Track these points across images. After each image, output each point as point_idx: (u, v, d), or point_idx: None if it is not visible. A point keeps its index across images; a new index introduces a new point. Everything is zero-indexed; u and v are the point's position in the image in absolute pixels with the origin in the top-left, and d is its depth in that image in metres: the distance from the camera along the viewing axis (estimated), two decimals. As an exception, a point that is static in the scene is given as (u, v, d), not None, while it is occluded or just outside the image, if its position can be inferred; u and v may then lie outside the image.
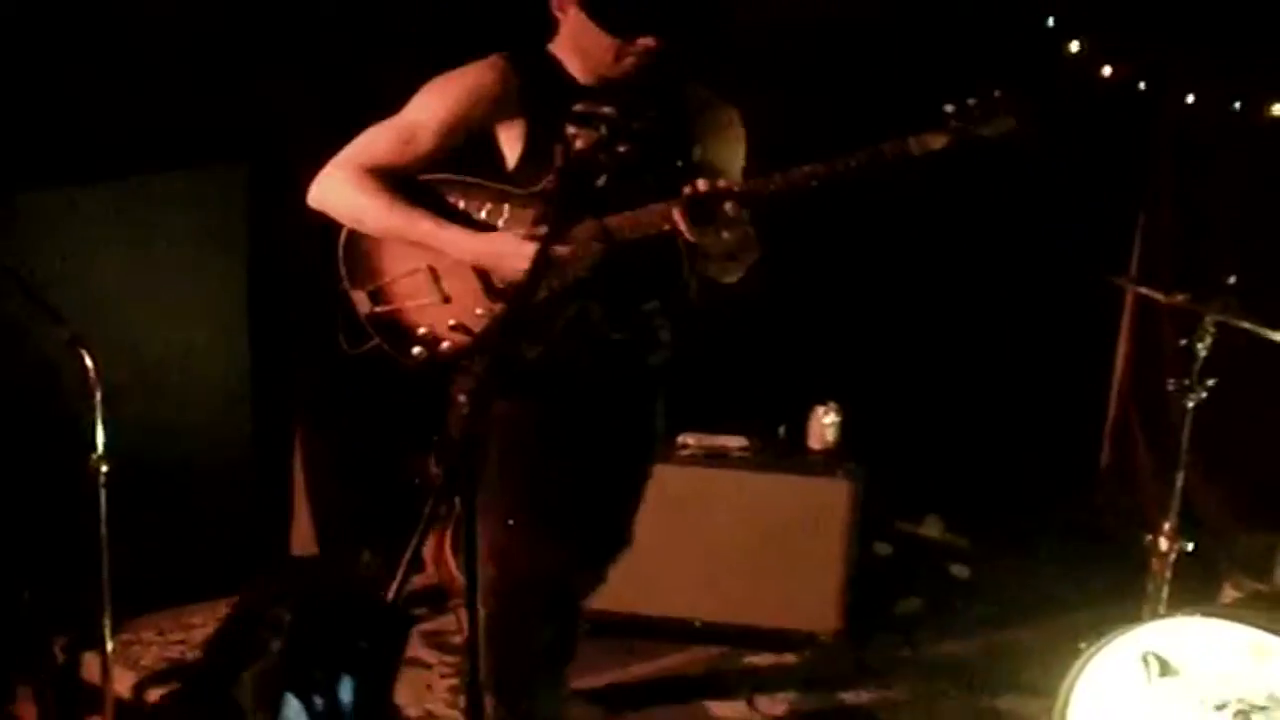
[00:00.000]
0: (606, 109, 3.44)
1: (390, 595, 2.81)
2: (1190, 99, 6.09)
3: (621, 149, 3.44)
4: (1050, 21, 6.05)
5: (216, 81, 5.29)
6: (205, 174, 5.53)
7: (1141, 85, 6.12)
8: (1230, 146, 6.12)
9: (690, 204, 3.54)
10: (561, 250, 3.59)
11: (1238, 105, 5.95)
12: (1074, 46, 6.07)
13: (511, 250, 3.65)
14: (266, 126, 5.42)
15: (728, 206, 3.54)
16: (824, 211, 4.18)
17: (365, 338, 3.87)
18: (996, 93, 3.53)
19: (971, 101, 3.52)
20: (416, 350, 3.81)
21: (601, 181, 3.48)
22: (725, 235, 3.59)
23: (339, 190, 3.78)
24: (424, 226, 3.73)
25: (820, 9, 6.10)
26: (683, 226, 3.56)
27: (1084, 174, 6.26)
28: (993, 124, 3.52)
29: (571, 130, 3.47)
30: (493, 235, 3.72)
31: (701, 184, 3.54)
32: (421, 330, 3.81)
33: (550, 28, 3.81)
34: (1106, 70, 6.09)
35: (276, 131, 5.38)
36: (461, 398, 3.00)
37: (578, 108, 3.48)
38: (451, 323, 3.78)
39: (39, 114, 4.97)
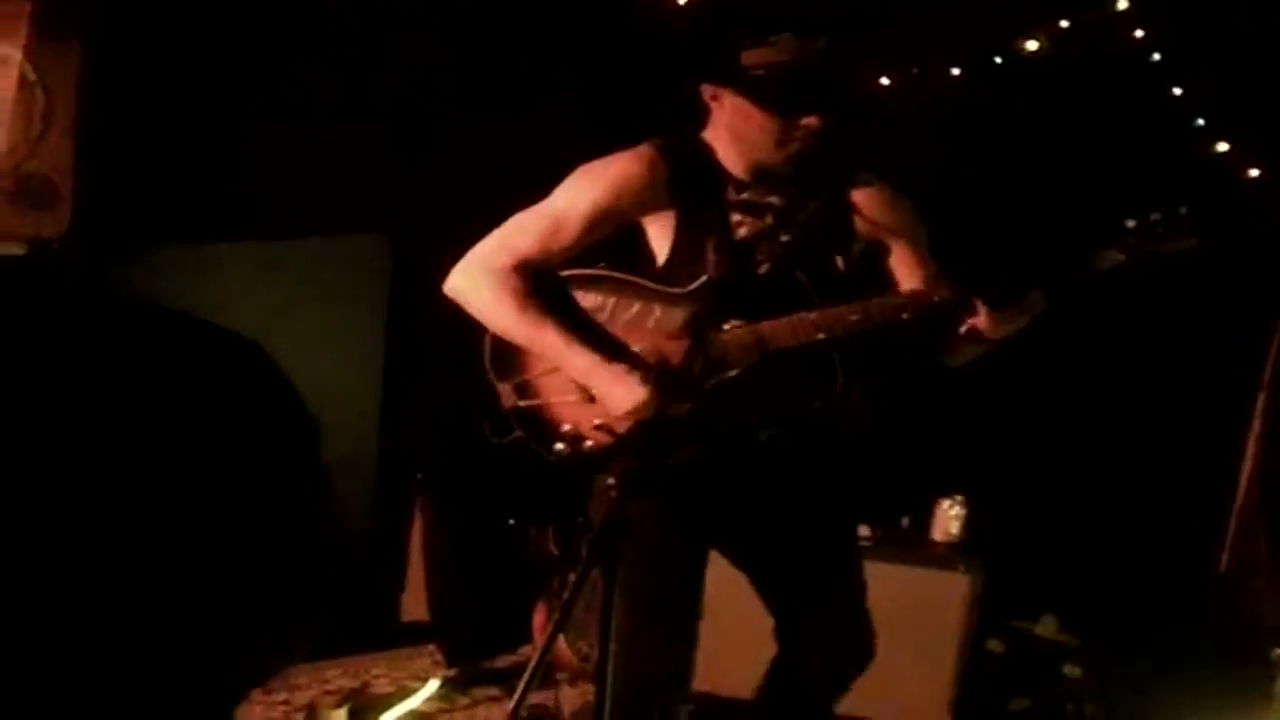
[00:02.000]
0: (773, 198, 3.39)
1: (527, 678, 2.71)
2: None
3: (784, 239, 3.39)
4: (1199, 122, 5.97)
5: (367, 150, 5.31)
6: (348, 243, 5.55)
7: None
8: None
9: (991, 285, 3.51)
10: (713, 352, 3.51)
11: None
12: (1221, 147, 5.99)
13: (622, 392, 3.53)
14: (414, 201, 5.43)
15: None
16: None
17: (509, 429, 3.78)
18: (1182, 210, 3.44)
19: (1155, 217, 3.43)
20: (559, 447, 3.70)
21: (764, 270, 3.42)
22: (1017, 314, 3.60)
23: (473, 284, 3.67)
24: (549, 340, 3.61)
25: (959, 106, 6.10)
26: (983, 322, 3.55)
27: (1225, 274, 6.16)
28: (1174, 242, 3.43)
29: (736, 218, 3.43)
30: (613, 371, 3.57)
31: (874, 313, 3.50)
32: (565, 428, 3.70)
33: (703, 115, 3.72)
34: (1253, 172, 6.00)
35: (423, 207, 5.39)
36: (609, 481, 2.94)
37: (744, 195, 3.43)
38: (596, 422, 3.66)
39: (183, 170, 5.00)
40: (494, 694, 5.52)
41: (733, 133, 3.64)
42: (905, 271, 3.74)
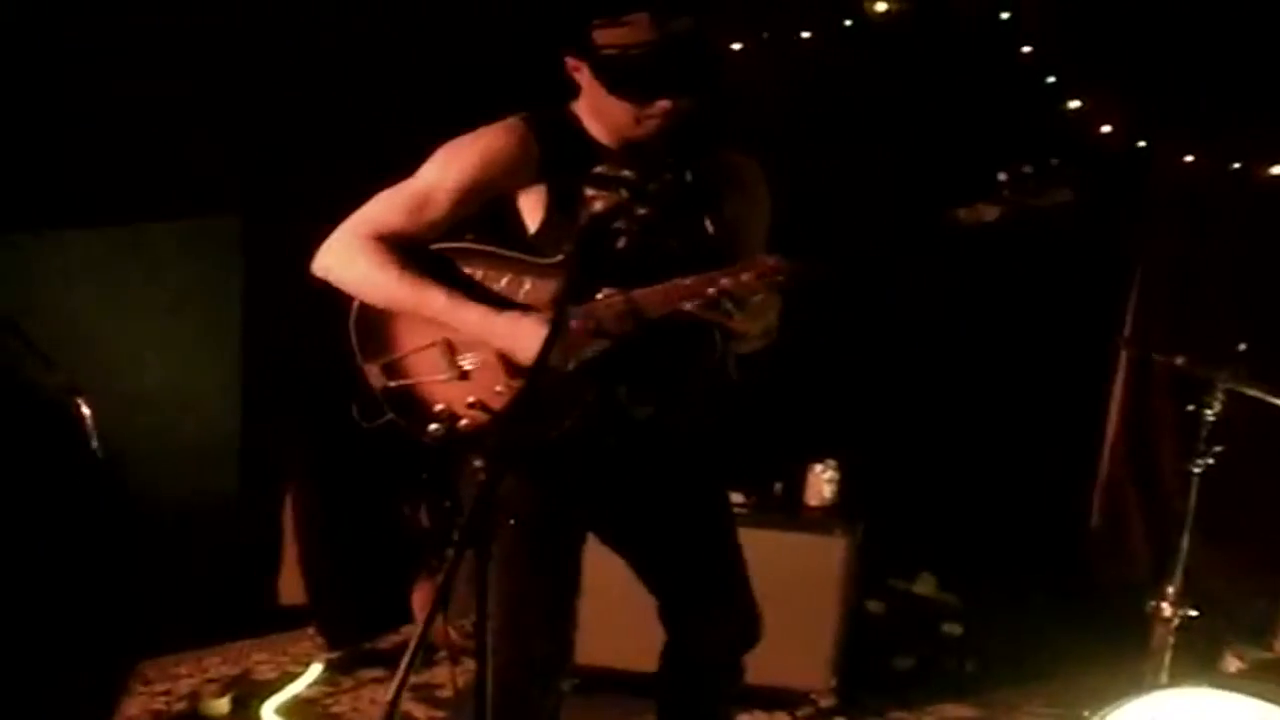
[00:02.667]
0: (626, 172, 3.37)
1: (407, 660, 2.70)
2: (1188, 159, 6.07)
3: (641, 212, 3.38)
4: (1050, 79, 6.03)
5: (214, 132, 5.26)
6: (200, 225, 5.50)
7: (1141, 143, 6.10)
8: (1228, 206, 6.11)
9: (715, 300, 3.43)
10: (582, 323, 3.47)
11: (1236, 165, 5.94)
12: (1073, 104, 6.06)
13: (528, 333, 3.45)
14: (264, 180, 5.38)
15: (764, 294, 3.47)
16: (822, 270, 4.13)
17: (380, 412, 3.71)
18: (1054, 161, 3.45)
19: (1028, 170, 3.42)
20: (434, 427, 3.63)
21: (621, 245, 3.41)
22: (754, 321, 3.54)
23: (346, 259, 3.61)
24: (436, 301, 3.56)
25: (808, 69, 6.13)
26: (711, 319, 3.48)
27: (1081, 233, 6.24)
28: (1049, 194, 3.44)
29: (590, 193, 3.41)
30: (510, 316, 3.54)
31: (727, 280, 3.42)
32: (438, 407, 3.64)
33: (571, 86, 3.67)
34: (1105, 128, 6.07)
35: (274, 185, 5.34)
36: (478, 462, 2.92)
37: (597, 170, 3.42)
38: (470, 400, 3.62)
39: (35, 157, 4.92)
40: (378, 675, 5.50)
41: (594, 106, 3.62)
42: (751, 241, 3.71)
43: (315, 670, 5.43)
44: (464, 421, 3.64)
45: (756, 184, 3.82)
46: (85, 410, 4.05)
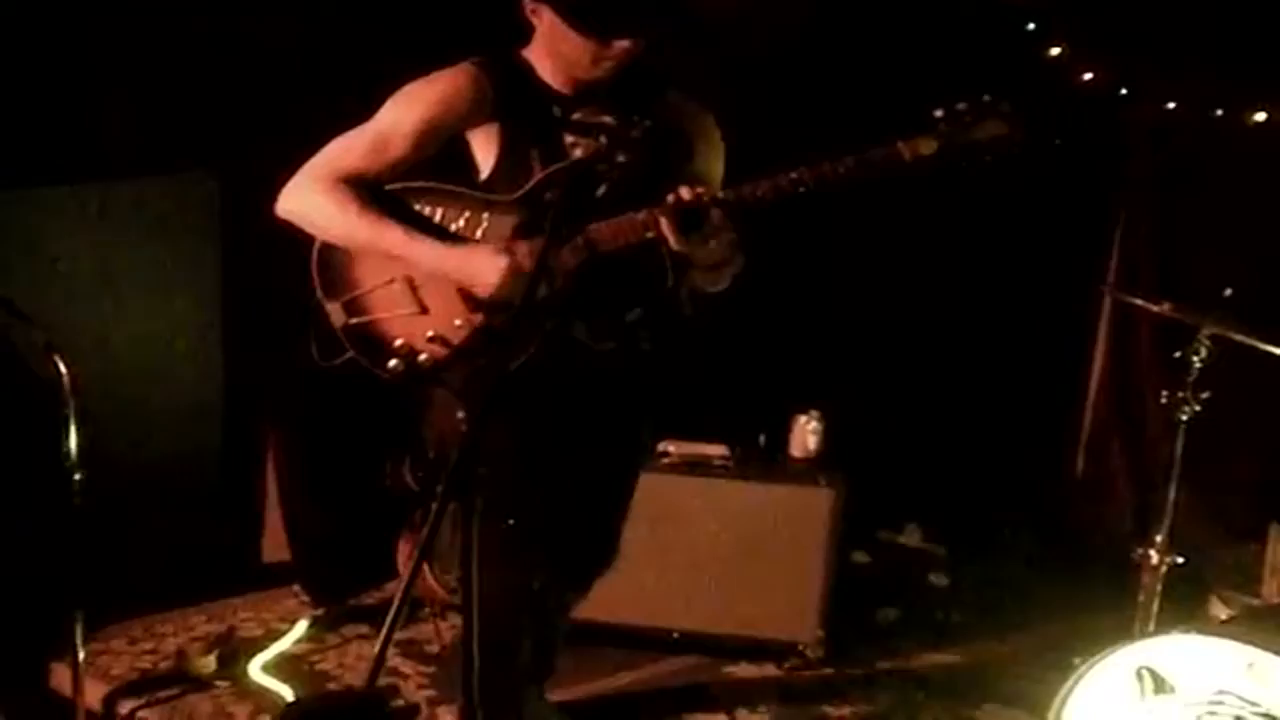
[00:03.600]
0: (607, 118, 3.40)
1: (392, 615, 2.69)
2: (1170, 105, 6.06)
3: (621, 158, 3.40)
4: (1030, 26, 6.01)
5: (188, 88, 5.23)
6: (177, 180, 5.47)
7: (1122, 91, 6.08)
8: (1210, 154, 6.10)
9: (676, 213, 3.49)
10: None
11: (1219, 112, 5.93)
12: (1054, 51, 6.04)
13: (485, 265, 3.60)
14: (238, 134, 5.35)
15: (714, 214, 3.50)
16: (804, 218, 4.12)
17: (340, 350, 3.79)
18: (986, 97, 3.50)
19: (961, 106, 3.50)
20: (393, 363, 3.72)
21: (602, 191, 3.43)
22: (712, 244, 3.55)
23: (307, 200, 3.70)
24: (393, 237, 3.66)
25: (797, 12, 6.09)
26: (669, 236, 3.51)
27: (1063, 181, 6.23)
28: (983, 128, 3.49)
29: (570, 139, 3.45)
30: (465, 248, 3.65)
31: (685, 192, 3.50)
32: (398, 342, 3.73)
33: (523, 32, 3.74)
34: (1086, 75, 6.06)
35: (249, 139, 5.31)
36: (460, 414, 2.93)
37: (576, 116, 3.44)
38: (429, 334, 3.70)
39: (11, 116, 4.89)
40: (363, 632, 5.49)
41: (550, 49, 3.70)
42: (709, 184, 3.74)
43: (301, 627, 5.41)
44: (423, 356, 3.71)
45: (712, 129, 3.90)
46: (63, 369, 4.02)
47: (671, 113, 3.79)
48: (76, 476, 4.04)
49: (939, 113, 3.49)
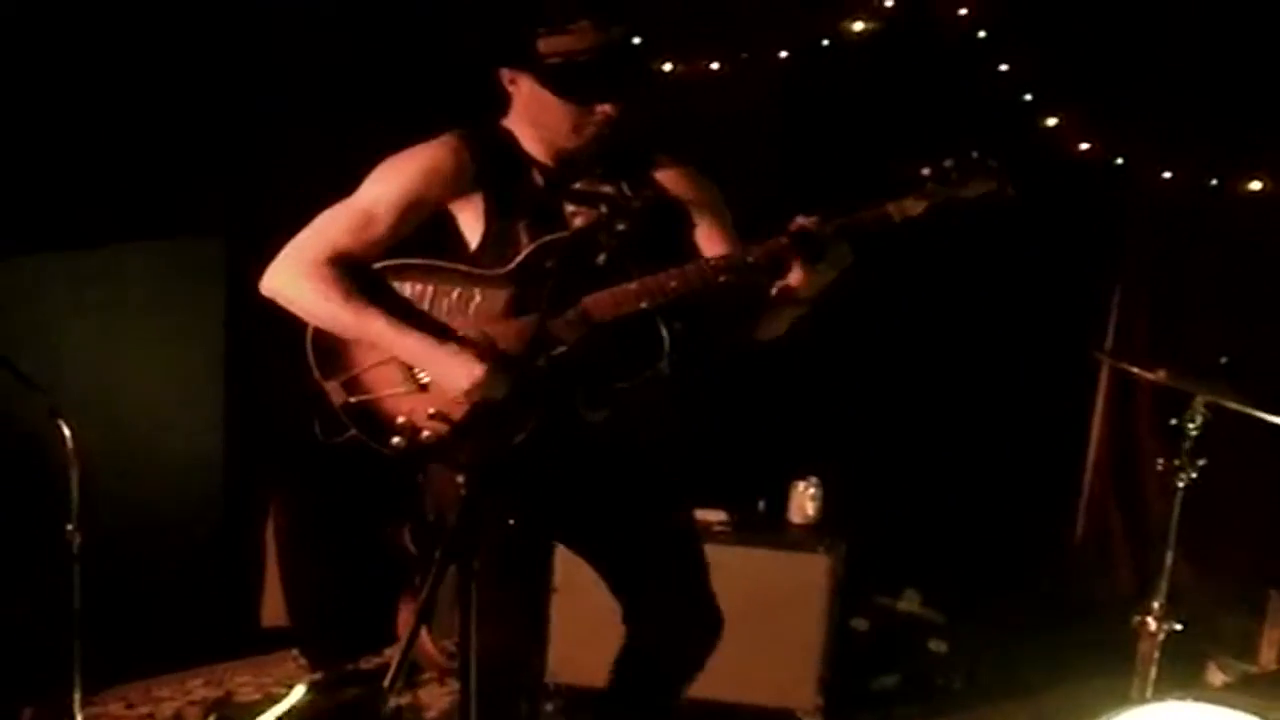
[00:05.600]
0: (607, 187, 3.41)
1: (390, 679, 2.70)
2: (1166, 175, 6.09)
3: (621, 227, 3.41)
4: (1027, 96, 6.04)
5: (194, 154, 5.27)
6: (182, 245, 5.50)
7: (1118, 160, 6.12)
8: (1206, 222, 6.13)
9: (801, 240, 3.51)
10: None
11: (1213, 180, 5.96)
12: (1051, 121, 6.07)
13: (459, 371, 3.53)
14: (243, 198, 5.39)
15: (835, 242, 3.52)
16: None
17: (342, 428, 3.74)
18: (973, 153, 3.52)
19: (948, 163, 3.51)
20: (396, 440, 3.67)
21: (601, 260, 3.43)
22: (826, 277, 3.58)
23: (291, 284, 3.64)
24: (376, 326, 3.60)
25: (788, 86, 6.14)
26: (795, 265, 3.54)
27: (1061, 249, 6.26)
28: (970, 185, 3.51)
29: (571, 208, 3.45)
30: (444, 350, 3.58)
31: (805, 220, 3.51)
32: (400, 420, 3.68)
33: (503, 103, 3.73)
34: (1083, 145, 6.09)
35: (253, 203, 5.35)
36: (460, 479, 2.93)
37: (577, 186, 3.45)
38: (430, 411, 3.64)
39: (15, 180, 4.92)
40: (360, 696, 5.48)
41: (530, 118, 3.68)
42: (712, 246, 3.74)
43: (298, 692, 5.40)
44: (425, 433, 3.66)
45: (710, 190, 3.86)
46: (66, 433, 4.04)
47: (665, 179, 3.77)
48: (77, 540, 4.05)
49: (926, 171, 3.51)
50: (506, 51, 3.67)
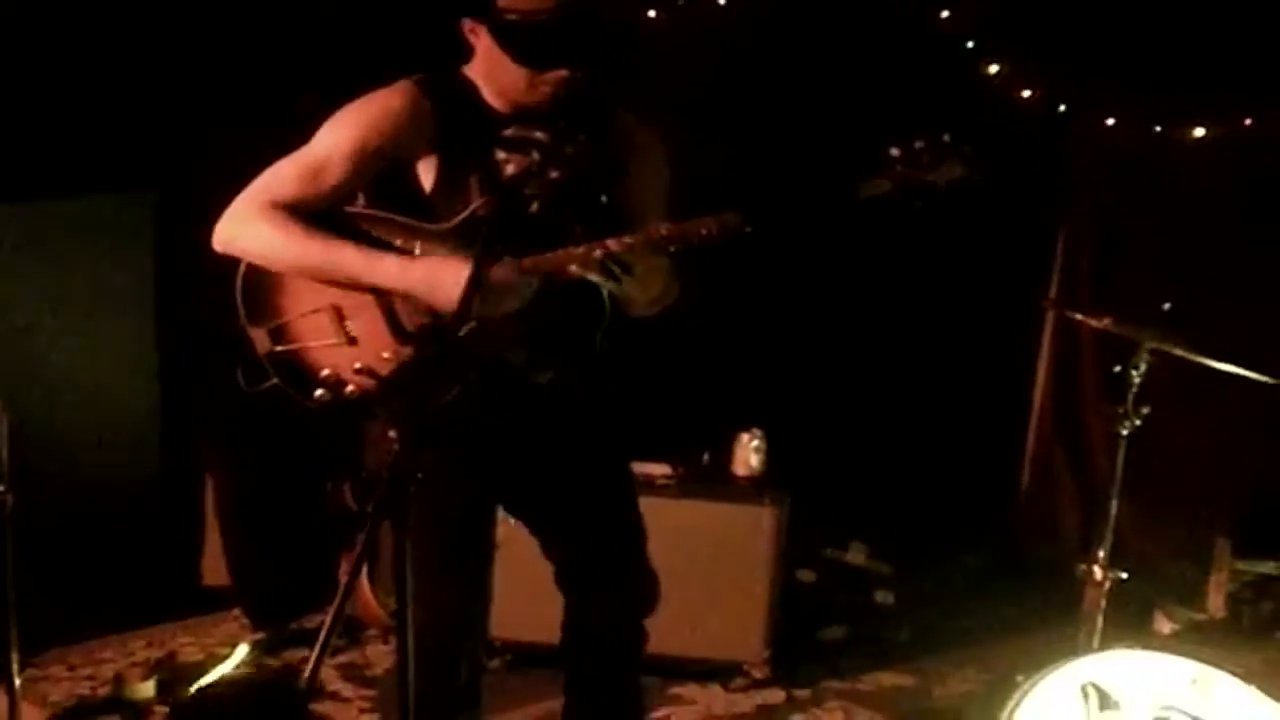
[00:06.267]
0: (539, 134, 3.35)
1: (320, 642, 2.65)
2: (1110, 121, 6.07)
3: (554, 175, 3.35)
4: (969, 44, 6.02)
5: (125, 106, 5.19)
6: (112, 200, 5.43)
7: (1061, 108, 6.10)
8: (1150, 169, 6.12)
9: (603, 262, 3.42)
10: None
11: (1157, 128, 5.95)
12: (993, 69, 6.05)
13: (450, 278, 3.42)
14: (175, 152, 5.32)
15: (647, 258, 3.44)
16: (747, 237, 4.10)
17: (264, 376, 3.66)
18: (946, 137, 3.41)
19: (919, 145, 3.40)
20: (319, 393, 3.60)
21: (534, 209, 3.37)
22: (646, 286, 3.51)
23: (247, 229, 3.57)
24: (347, 255, 3.53)
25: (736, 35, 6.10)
26: (599, 283, 3.47)
27: (1004, 198, 6.24)
28: (941, 170, 3.40)
29: (502, 155, 3.38)
30: (432, 261, 3.52)
31: (614, 244, 3.42)
32: (324, 372, 3.61)
33: (465, 50, 3.66)
34: (1025, 93, 6.07)
35: (185, 157, 5.28)
36: (392, 433, 2.87)
37: (508, 132, 3.39)
38: (357, 365, 3.58)
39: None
40: (304, 656, 5.44)
41: (489, 71, 3.62)
42: (649, 212, 3.67)
43: (241, 651, 5.37)
44: (350, 388, 3.60)
45: (656, 153, 3.82)
46: (-5, 394, 3.99)
47: (614, 131, 3.72)
48: (9, 500, 4.00)
49: (895, 151, 3.40)
50: (467, 1, 3.59)
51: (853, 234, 5.70)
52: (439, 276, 3.48)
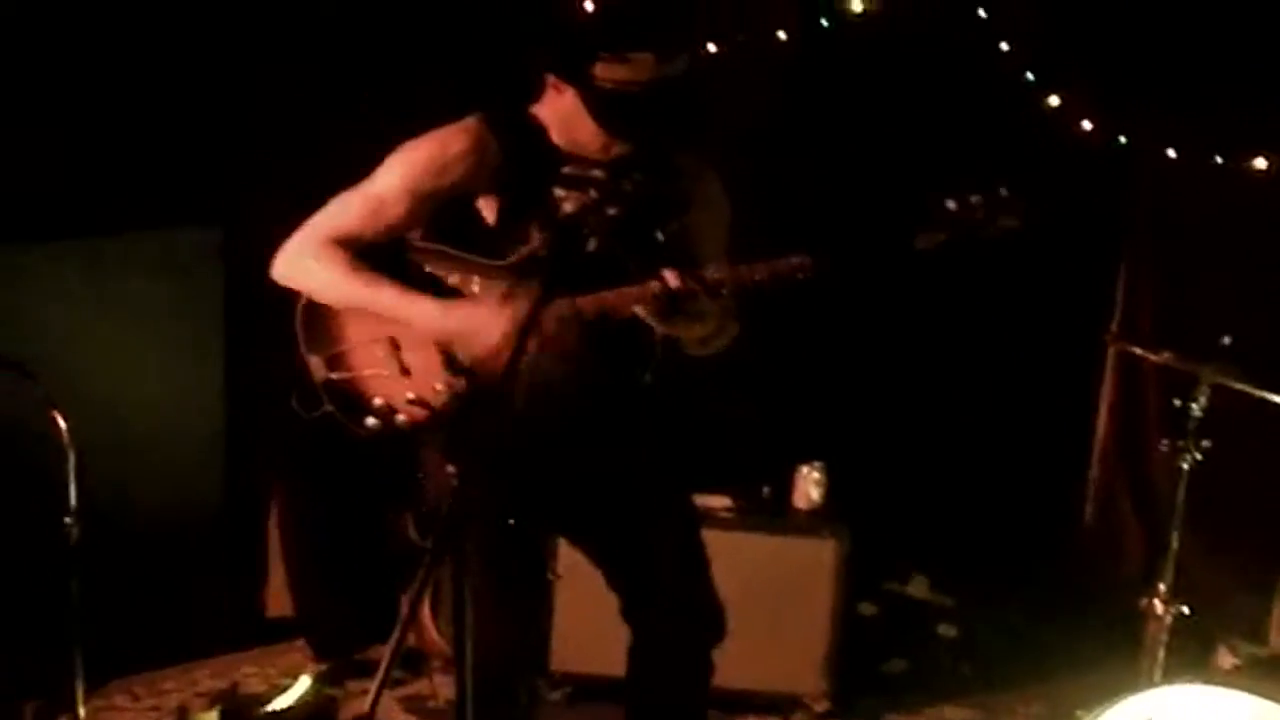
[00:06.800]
0: (596, 171, 3.38)
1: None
2: (1171, 153, 6.05)
3: (611, 212, 3.37)
4: (1029, 76, 6.01)
5: (193, 143, 5.26)
6: (180, 235, 5.51)
7: (1121, 140, 6.08)
8: (1211, 201, 6.08)
9: (658, 300, 3.45)
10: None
11: (1218, 159, 5.93)
12: (1053, 101, 6.03)
13: (484, 324, 3.53)
14: (241, 187, 5.38)
15: (701, 299, 3.45)
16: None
17: (320, 403, 3.75)
18: (1002, 190, 3.43)
19: (975, 199, 3.42)
20: (371, 421, 3.69)
21: (592, 246, 3.40)
22: (697, 327, 3.53)
23: (300, 265, 3.65)
24: (389, 296, 3.61)
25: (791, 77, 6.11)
26: (651, 322, 3.50)
27: (1065, 231, 6.22)
28: (995, 223, 3.43)
29: (560, 193, 3.41)
30: (467, 305, 3.60)
31: (672, 279, 3.44)
32: (377, 401, 3.69)
33: (533, 88, 3.69)
34: (1086, 125, 6.05)
35: (251, 192, 5.33)
36: (451, 468, 2.91)
37: (566, 170, 3.42)
38: (409, 396, 3.65)
39: (15, 169, 4.91)
40: (367, 686, 5.44)
41: (564, 122, 3.63)
42: (707, 252, 3.68)
43: (304, 682, 5.39)
44: (402, 417, 3.67)
45: (716, 191, 3.83)
46: (62, 423, 4.03)
47: (674, 168, 3.73)
48: (76, 531, 4.04)
49: (951, 204, 3.43)
50: (560, 62, 3.61)
51: (914, 269, 5.71)
52: (476, 323, 3.55)
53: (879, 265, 3.49)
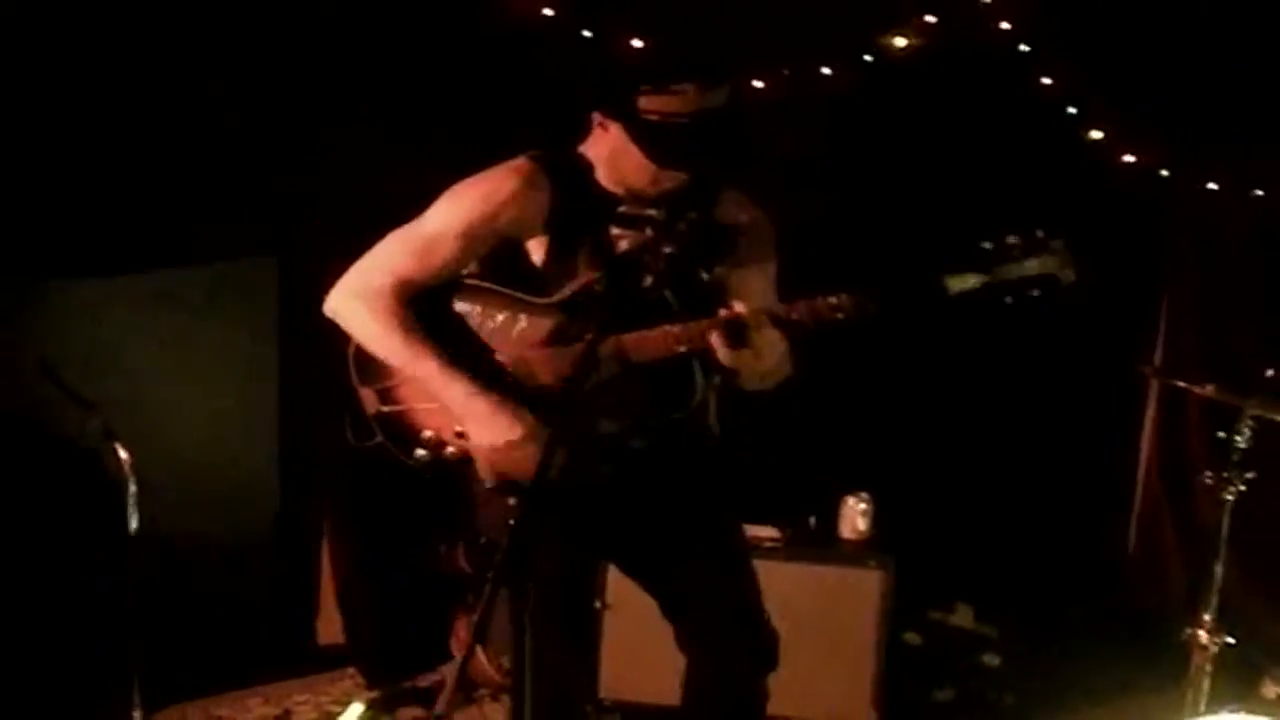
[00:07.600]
0: (652, 211, 3.41)
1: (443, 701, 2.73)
2: (1212, 185, 6.07)
3: (667, 250, 3.42)
4: (1071, 110, 6.04)
5: (246, 176, 5.34)
6: (235, 267, 5.57)
7: (1163, 172, 6.10)
8: (1252, 233, 6.11)
9: (727, 326, 3.47)
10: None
11: (1259, 192, 5.95)
12: (1095, 134, 6.06)
13: (502, 423, 3.57)
14: (297, 218, 5.44)
15: (766, 331, 3.46)
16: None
17: (371, 434, 3.82)
18: (1039, 233, 3.42)
19: (1012, 241, 3.41)
20: (420, 453, 3.75)
21: (648, 283, 3.44)
22: (760, 360, 3.52)
23: (354, 309, 3.69)
24: (427, 367, 3.63)
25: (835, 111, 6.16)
26: (718, 349, 3.47)
27: (1107, 263, 6.24)
28: (1032, 266, 3.41)
29: (616, 231, 3.45)
30: (491, 404, 3.59)
31: (740, 307, 3.47)
32: (427, 434, 3.75)
33: (584, 130, 3.74)
34: (1128, 158, 6.08)
35: (307, 223, 5.40)
36: (512, 501, 2.96)
37: (622, 209, 3.45)
38: (458, 429, 3.69)
39: (71, 205, 4.98)
40: (418, 714, 5.50)
41: (611, 159, 3.67)
42: (755, 290, 3.72)
43: (355, 710, 5.42)
44: (450, 450, 3.72)
45: (764, 229, 3.86)
46: (122, 453, 4.09)
47: (723, 207, 3.76)
48: (134, 559, 4.10)
49: (988, 245, 3.43)
50: (605, 98, 3.66)
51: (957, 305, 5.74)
52: (494, 421, 3.59)
53: (915, 308, 3.49)
